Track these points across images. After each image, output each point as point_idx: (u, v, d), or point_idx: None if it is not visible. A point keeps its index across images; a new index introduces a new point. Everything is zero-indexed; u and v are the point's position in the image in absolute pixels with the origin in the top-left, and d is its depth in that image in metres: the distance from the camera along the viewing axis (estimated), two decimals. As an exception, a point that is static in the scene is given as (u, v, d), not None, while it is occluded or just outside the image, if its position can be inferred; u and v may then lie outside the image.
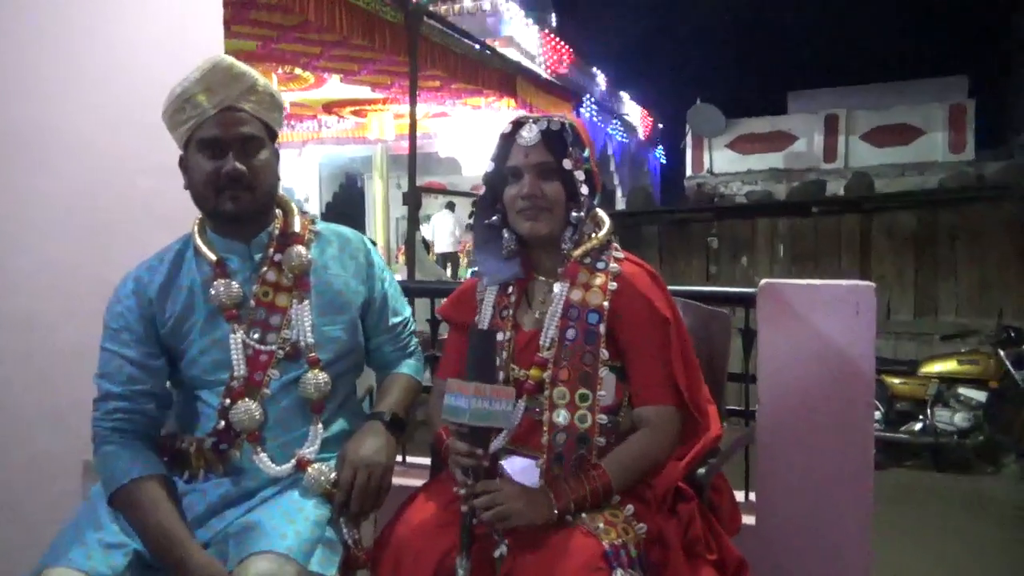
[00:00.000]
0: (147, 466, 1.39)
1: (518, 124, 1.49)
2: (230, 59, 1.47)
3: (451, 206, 13.33)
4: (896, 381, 5.47)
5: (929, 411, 5.30)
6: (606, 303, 1.45)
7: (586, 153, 1.50)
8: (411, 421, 1.69)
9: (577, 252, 1.49)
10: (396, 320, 1.68)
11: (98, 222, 2.11)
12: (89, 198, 2.10)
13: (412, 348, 1.73)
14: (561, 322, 1.46)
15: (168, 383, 1.53)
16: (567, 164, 1.45)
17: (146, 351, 1.47)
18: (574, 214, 1.47)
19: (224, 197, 1.45)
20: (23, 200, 1.96)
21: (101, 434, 1.43)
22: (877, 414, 5.31)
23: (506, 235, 1.53)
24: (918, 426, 5.31)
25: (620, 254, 1.52)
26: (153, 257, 1.55)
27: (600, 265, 1.49)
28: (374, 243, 1.77)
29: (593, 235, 1.51)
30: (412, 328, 1.75)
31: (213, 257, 1.50)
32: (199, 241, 1.52)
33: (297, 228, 1.56)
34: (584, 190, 1.47)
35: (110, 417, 1.43)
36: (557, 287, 1.48)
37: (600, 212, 1.57)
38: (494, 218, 1.54)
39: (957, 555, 3.74)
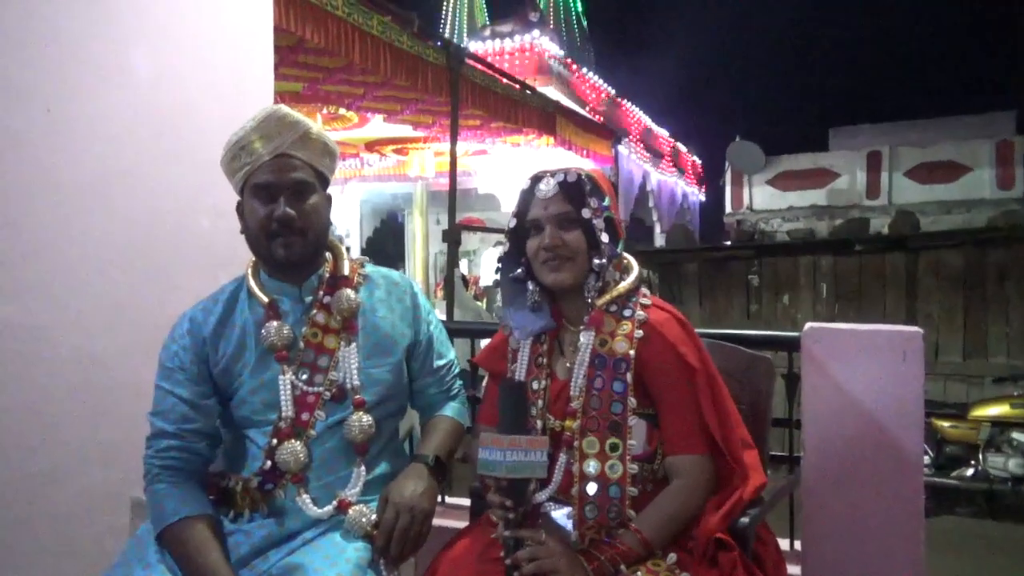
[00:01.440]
0: (196, 506, 1.42)
1: (536, 179, 1.52)
2: (285, 108, 1.52)
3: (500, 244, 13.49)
4: (945, 424, 5.31)
5: (981, 456, 5.13)
6: (632, 351, 1.45)
7: (606, 201, 1.51)
8: (452, 463, 1.70)
9: (601, 301, 1.49)
10: (440, 363, 1.70)
11: (156, 262, 2.18)
12: (148, 239, 2.17)
13: (456, 391, 1.75)
14: (588, 371, 1.46)
15: (218, 422, 1.56)
16: (586, 213, 1.47)
17: (198, 390, 1.51)
18: (596, 261, 1.48)
19: (276, 243, 1.49)
20: (88, 242, 2.03)
21: (152, 471, 1.46)
22: (926, 459, 5.15)
23: (530, 287, 1.55)
24: (969, 472, 5.15)
25: (648, 300, 1.52)
26: (208, 298, 1.60)
27: (627, 313, 1.49)
28: None
29: (619, 282, 1.52)
30: (457, 371, 1.76)
31: (265, 299, 1.54)
32: (252, 283, 1.56)
33: (346, 271, 1.60)
34: (604, 238, 1.47)
35: (161, 455, 1.46)
36: (583, 337, 1.49)
37: (628, 258, 1.58)
38: (518, 271, 1.56)
39: (1013, 609, 3.59)
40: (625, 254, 1.57)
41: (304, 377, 1.50)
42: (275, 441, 1.47)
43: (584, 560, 1.33)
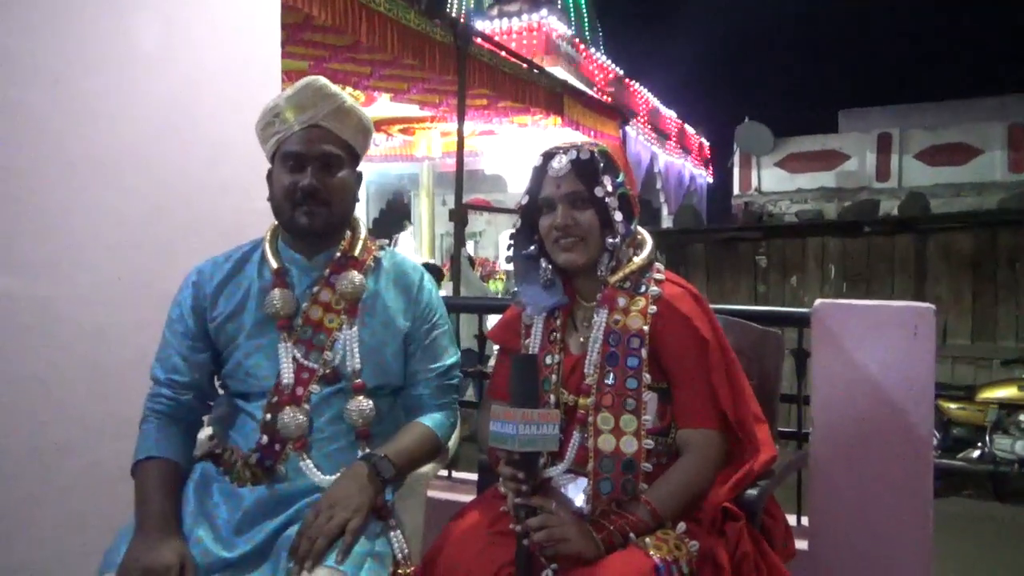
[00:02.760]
0: (165, 449, 1.46)
1: (548, 156, 1.50)
2: (323, 80, 1.52)
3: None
4: (953, 406, 5.32)
5: (988, 438, 5.13)
6: (646, 327, 1.44)
7: (620, 178, 1.49)
8: (447, 448, 1.67)
9: (614, 278, 1.48)
10: (433, 366, 1.62)
11: (166, 238, 2.17)
12: (156, 214, 2.17)
13: (446, 400, 1.65)
14: (603, 348, 1.46)
15: (217, 383, 1.59)
16: (598, 192, 1.45)
17: (190, 344, 1.53)
18: (609, 240, 1.47)
19: (300, 211, 1.49)
20: (97, 217, 2.02)
21: (144, 413, 1.52)
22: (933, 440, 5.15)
23: (543, 264, 1.54)
24: (976, 453, 5.15)
25: (661, 276, 1.51)
26: (222, 254, 1.62)
27: (641, 288, 1.48)
28: (438, 270, 1.76)
29: (632, 259, 1.51)
30: (454, 379, 1.67)
31: (275, 265, 1.54)
32: (268, 247, 1.57)
33: (357, 253, 1.58)
34: (618, 216, 1.46)
35: (153, 399, 1.53)
36: (596, 315, 1.48)
37: (642, 233, 1.56)
38: (531, 248, 1.55)
39: (1019, 589, 3.60)
40: (640, 229, 1.56)
41: (300, 351, 1.50)
42: (269, 416, 1.46)
43: (593, 530, 1.33)
